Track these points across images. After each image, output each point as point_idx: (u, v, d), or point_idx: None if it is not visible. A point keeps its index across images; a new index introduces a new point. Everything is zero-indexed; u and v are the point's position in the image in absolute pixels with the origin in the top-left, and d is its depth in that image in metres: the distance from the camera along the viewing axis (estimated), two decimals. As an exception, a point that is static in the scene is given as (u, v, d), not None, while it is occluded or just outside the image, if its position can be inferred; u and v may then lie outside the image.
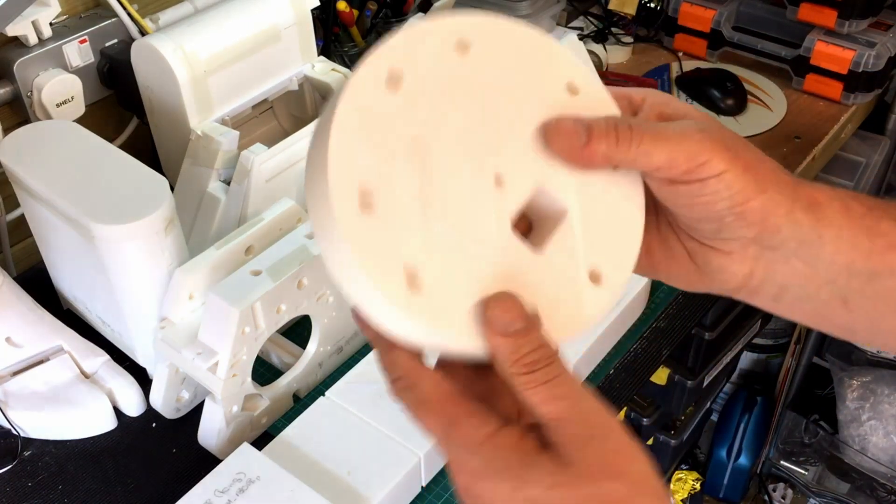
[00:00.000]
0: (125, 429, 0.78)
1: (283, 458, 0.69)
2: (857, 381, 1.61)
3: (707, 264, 0.44)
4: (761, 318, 1.44)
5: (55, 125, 0.79)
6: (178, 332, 0.72)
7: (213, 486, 0.66)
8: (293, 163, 0.84)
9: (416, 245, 0.36)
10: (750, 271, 0.43)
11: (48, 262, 0.85)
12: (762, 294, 0.44)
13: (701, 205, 0.41)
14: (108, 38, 0.94)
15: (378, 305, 0.36)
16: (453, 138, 0.38)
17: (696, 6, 1.25)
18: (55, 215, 0.73)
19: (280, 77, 0.92)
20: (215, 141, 0.83)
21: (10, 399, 0.77)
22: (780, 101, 1.19)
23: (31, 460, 0.75)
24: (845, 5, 1.13)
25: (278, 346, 0.82)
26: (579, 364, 0.78)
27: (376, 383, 0.76)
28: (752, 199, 0.40)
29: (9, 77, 0.88)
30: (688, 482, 1.72)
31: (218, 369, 0.69)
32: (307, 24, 0.92)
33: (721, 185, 0.40)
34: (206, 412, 0.73)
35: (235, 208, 0.83)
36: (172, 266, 0.73)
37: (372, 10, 1.17)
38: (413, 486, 0.72)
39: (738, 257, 0.43)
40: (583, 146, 0.40)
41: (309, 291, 0.74)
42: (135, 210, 0.69)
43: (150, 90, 0.87)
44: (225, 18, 0.86)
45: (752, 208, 0.40)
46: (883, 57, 1.14)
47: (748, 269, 0.43)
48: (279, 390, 0.77)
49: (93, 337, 0.83)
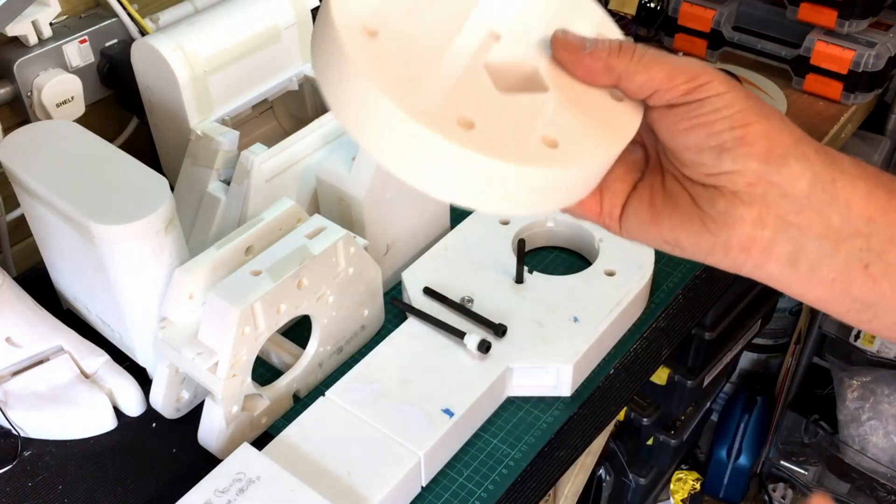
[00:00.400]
0: (125, 429, 0.78)
1: (283, 458, 0.69)
2: (857, 381, 1.61)
3: (712, 206, 0.40)
4: (761, 318, 1.44)
5: (55, 125, 0.79)
6: (178, 332, 0.72)
7: (213, 486, 0.66)
8: (293, 163, 0.84)
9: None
10: (759, 216, 0.39)
11: (48, 262, 0.85)
12: (776, 254, 0.40)
13: (701, 126, 0.39)
14: (108, 38, 0.94)
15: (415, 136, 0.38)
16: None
17: (696, 6, 1.25)
18: (55, 215, 0.74)
19: (280, 77, 0.92)
20: (215, 141, 0.83)
21: (10, 399, 0.77)
22: (780, 101, 1.19)
23: (31, 460, 0.75)
24: (845, 5, 1.13)
25: (278, 346, 0.82)
26: (579, 364, 0.78)
27: (376, 383, 0.76)
28: (754, 122, 0.38)
29: (9, 77, 0.88)
30: (688, 482, 1.72)
31: (218, 369, 0.69)
32: (307, 24, 0.92)
33: (721, 104, 0.38)
34: (206, 412, 0.73)
35: (235, 208, 0.83)
36: (172, 266, 0.73)
37: (372, 10, 1.17)
38: (413, 486, 0.72)
39: (745, 196, 0.39)
40: (585, 53, 0.41)
41: (309, 291, 0.74)
42: (135, 210, 0.69)
43: (150, 90, 0.87)
44: (225, 18, 0.86)
45: (755, 131, 0.38)
46: (883, 57, 1.14)
47: (756, 212, 0.39)
48: (279, 390, 0.77)
49: (93, 337, 0.83)
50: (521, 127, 0.40)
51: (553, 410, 0.78)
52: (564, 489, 0.86)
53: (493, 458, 0.75)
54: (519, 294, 0.83)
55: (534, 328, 0.80)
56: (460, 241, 0.89)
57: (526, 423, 0.77)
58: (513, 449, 0.75)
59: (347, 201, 0.83)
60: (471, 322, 0.80)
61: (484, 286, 0.84)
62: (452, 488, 0.73)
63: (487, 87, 0.41)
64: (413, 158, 0.38)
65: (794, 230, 0.39)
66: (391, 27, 0.40)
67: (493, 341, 0.78)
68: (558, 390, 0.79)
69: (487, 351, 0.77)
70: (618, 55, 0.40)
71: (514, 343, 0.78)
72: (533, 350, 0.78)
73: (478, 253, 0.87)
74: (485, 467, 0.74)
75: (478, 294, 0.83)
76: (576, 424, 0.78)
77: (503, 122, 0.40)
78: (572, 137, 0.40)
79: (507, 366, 0.77)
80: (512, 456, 0.75)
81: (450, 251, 0.88)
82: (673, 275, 0.91)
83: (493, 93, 0.41)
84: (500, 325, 0.79)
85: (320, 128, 0.86)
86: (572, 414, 0.78)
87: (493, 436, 0.76)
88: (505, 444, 0.76)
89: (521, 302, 0.82)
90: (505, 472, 0.74)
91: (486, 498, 0.72)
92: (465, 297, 0.82)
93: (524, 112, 0.41)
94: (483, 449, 0.75)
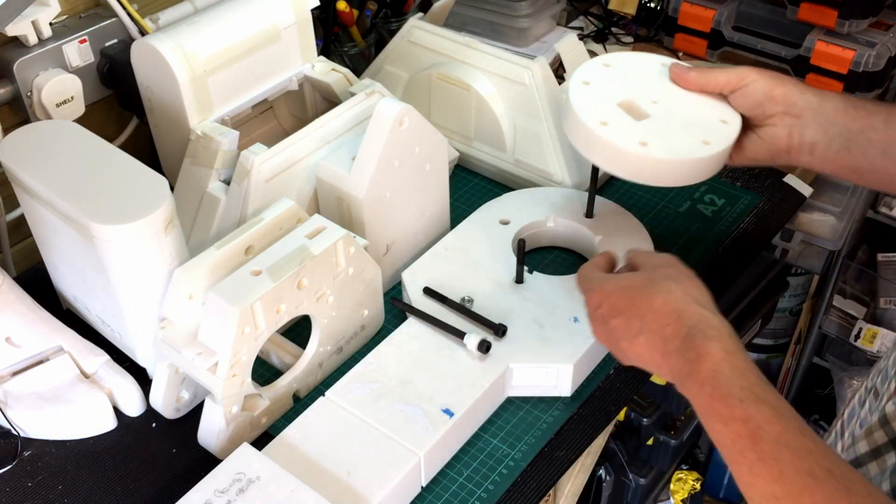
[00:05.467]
0: (125, 429, 0.78)
1: (283, 458, 0.69)
2: (857, 381, 1.60)
3: (765, 132, 0.76)
4: (761, 318, 1.44)
5: (55, 125, 0.79)
6: (178, 332, 0.72)
7: (213, 486, 0.66)
8: (293, 163, 0.84)
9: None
10: (788, 132, 0.74)
11: (48, 262, 0.85)
12: (801, 151, 0.74)
13: (753, 95, 0.75)
14: (108, 38, 0.94)
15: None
16: (639, 91, 0.80)
17: (696, 6, 1.25)
18: (55, 215, 0.74)
19: (280, 77, 0.92)
20: (215, 141, 0.83)
21: (10, 399, 0.77)
22: (780, 101, 1.19)
23: (31, 460, 0.75)
24: (845, 5, 1.13)
25: (278, 346, 0.82)
26: (579, 364, 0.78)
27: (376, 383, 0.76)
28: (776, 88, 0.74)
29: (9, 77, 0.88)
30: (688, 482, 1.72)
31: (218, 369, 0.69)
32: (307, 24, 0.92)
33: (757, 86, 0.75)
34: (206, 412, 0.73)
35: (235, 208, 0.83)
36: (172, 266, 0.73)
37: (372, 10, 1.17)
38: (413, 486, 0.72)
39: (779, 124, 0.74)
40: (686, 72, 0.79)
41: (309, 291, 0.74)
42: (135, 210, 0.69)
43: (150, 90, 0.87)
44: (225, 18, 0.86)
45: (777, 93, 0.74)
46: (883, 57, 1.14)
47: (786, 131, 0.74)
48: (279, 390, 0.77)
49: (93, 337, 0.83)
50: (679, 134, 0.76)
51: (553, 410, 0.78)
52: (564, 489, 0.86)
53: (493, 458, 0.75)
54: (519, 294, 0.83)
55: (534, 328, 0.80)
56: (460, 241, 0.89)
57: (526, 423, 0.77)
58: (513, 449, 0.75)
59: (347, 201, 0.83)
60: (471, 322, 0.80)
61: (484, 286, 0.84)
62: (452, 488, 0.73)
63: (630, 120, 0.77)
64: (632, 168, 0.76)
65: (808, 135, 0.73)
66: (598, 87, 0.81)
67: (493, 341, 0.78)
68: (558, 390, 0.79)
69: (487, 351, 0.77)
70: (699, 73, 0.79)
71: (514, 343, 0.78)
72: (533, 350, 0.78)
73: (478, 253, 0.87)
74: (485, 467, 0.74)
75: (478, 294, 0.83)
76: (576, 424, 0.78)
77: (662, 136, 0.76)
78: (710, 137, 0.76)
79: (507, 366, 0.77)
80: (512, 456, 0.75)
81: (450, 251, 0.88)
82: (673, 275, 0.91)
83: (632, 121, 0.77)
84: (500, 325, 0.79)
85: (320, 128, 0.86)
86: (572, 414, 0.78)
87: (493, 436, 0.76)
88: (505, 444, 0.76)
89: (521, 302, 0.82)
90: (505, 472, 0.74)
91: (486, 498, 0.72)
92: (465, 297, 0.82)
93: (660, 129, 0.76)
94: (483, 449, 0.75)
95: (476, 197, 1.01)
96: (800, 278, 1.58)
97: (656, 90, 0.80)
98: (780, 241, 1.34)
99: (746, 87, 0.75)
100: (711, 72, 0.78)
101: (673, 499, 1.63)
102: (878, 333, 1.52)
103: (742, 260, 0.94)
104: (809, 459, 0.50)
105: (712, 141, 0.75)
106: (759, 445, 0.52)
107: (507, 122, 0.99)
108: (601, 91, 0.80)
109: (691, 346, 0.58)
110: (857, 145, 0.71)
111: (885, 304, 1.55)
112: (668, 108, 0.79)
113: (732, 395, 0.54)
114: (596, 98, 0.79)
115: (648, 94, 0.80)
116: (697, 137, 0.75)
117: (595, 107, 0.77)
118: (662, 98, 0.79)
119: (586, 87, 0.80)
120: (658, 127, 0.76)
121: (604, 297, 0.65)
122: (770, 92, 0.74)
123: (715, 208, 1.00)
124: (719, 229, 0.97)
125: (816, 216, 1.32)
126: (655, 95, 0.80)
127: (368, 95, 0.90)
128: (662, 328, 0.60)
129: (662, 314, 0.60)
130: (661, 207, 1.00)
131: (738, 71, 0.76)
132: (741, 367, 0.56)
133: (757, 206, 1.00)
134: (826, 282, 1.53)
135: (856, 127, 0.71)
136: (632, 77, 0.82)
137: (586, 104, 0.77)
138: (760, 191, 1.02)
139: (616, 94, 0.79)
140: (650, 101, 0.79)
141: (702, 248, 0.95)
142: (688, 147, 0.75)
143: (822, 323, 1.58)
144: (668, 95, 0.80)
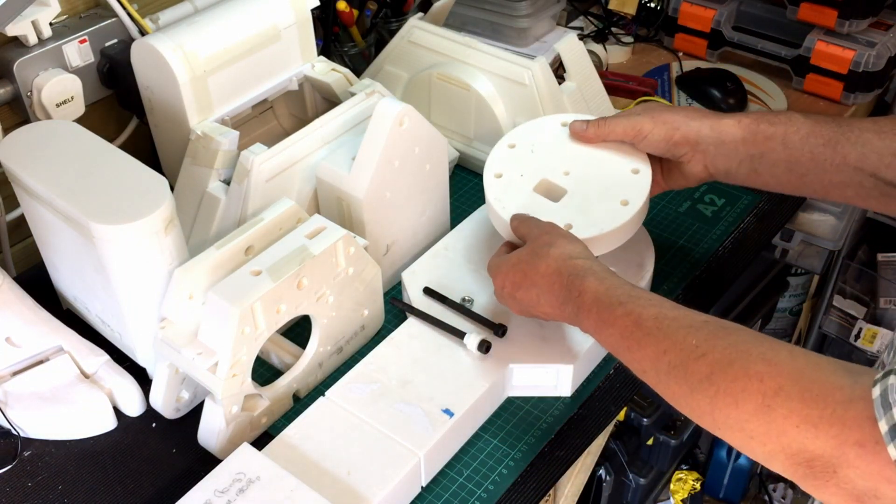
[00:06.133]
0: (125, 429, 0.78)
1: (283, 458, 0.69)
2: (857, 381, 1.60)
3: (682, 170, 0.81)
4: (761, 318, 1.44)
5: (55, 125, 0.79)
6: (178, 332, 0.72)
7: (213, 486, 0.66)
8: (293, 163, 0.84)
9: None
10: (703, 165, 0.80)
11: (48, 262, 0.85)
12: (718, 176, 0.80)
13: (655, 144, 0.80)
14: (108, 38, 0.94)
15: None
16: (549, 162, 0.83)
17: (696, 6, 1.25)
18: (55, 215, 0.74)
19: (280, 77, 0.92)
20: (215, 141, 0.83)
21: (10, 399, 0.77)
22: (781, 101, 1.19)
23: (31, 460, 0.75)
24: (845, 5, 1.13)
25: (278, 346, 0.82)
26: (579, 364, 0.78)
27: (376, 383, 0.76)
28: (674, 134, 0.78)
29: (9, 77, 0.88)
30: (688, 482, 1.72)
31: (218, 369, 0.69)
32: (307, 24, 0.92)
33: (654, 136, 0.79)
34: (206, 412, 0.73)
35: (235, 208, 0.83)
36: (172, 266, 0.73)
37: (372, 10, 1.17)
38: (413, 486, 0.72)
39: (692, 160, 0.80)
40: (584, 131, 0.83)
41: (309, 291, 0.74)
42: (135, 210, 0.69)
43: (150, 90, 0.87)
44: (225, 18, 0.86)
45: (678, 138, 0.78)
46: (883, 57, 1.14)
47: (701, 164, 0.80)
48: (279, 390, 0.77)
49: (93, 337, 0.83)
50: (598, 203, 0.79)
51: (553, 410, 0.78)
52: (564, 489, 0.86)
53: (493, 458, 0.75)
54: (519, 294, 0.83)
55: (534, 328, 0.80)
56: (460, 241, 0.89)
57: (526, 423, 0.77)
58: (513, 449, 0.75)
59: (347, 201, 0.83)
60: (471, 322, 0.80)
61: (484, 286, 0.84)
62: (452, 488, 0.73)
63: (549, 204, 0.79)
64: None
65: (720, 164, 0.79)
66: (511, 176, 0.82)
67: (493, 341, 0.78)
68: (558, 390, 0.79)
69: (487, 351, 0.77)
70: (597, 127, 0.82)
71: (514, 343, 0.78)
72: (533, 350, 0.78)
73: (478, 253, 0.87)
74: (485, 467, 0.74)
75: (478, 294, 0.83)
76: (576, 424, 0.78)
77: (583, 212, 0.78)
78: (627, 194, 0.79)
79: (507, 366, 0.77)
80: (512, 456, 0.75)
81: (450, 251, 0.88)
82: (673, 275, 0.91)
83: (552, 205, 0.79)
84: (500, 325, 0.79)
85: (320, 128, 0.86)
86: (572, 414, 0.78)
87: (493, 436, 0.76)
88: (505, 444, 0.76)
89: (521, 302, 0.82)
90: (505, 472, 0.74)
91: (486, 498, 0.72)
92: (465, 297, 0.82)
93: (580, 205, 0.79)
94: (483, 449, 0.75)
95: (476, 197, 1.01)
96: (800, 278, 1.58)
97: (565, 157, 0.82)
98: (780, 241, 1.35)
99: (646, 138, 0.79)
100: (608, 124, 0.81)
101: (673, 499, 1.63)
102: (878, 333, 1.52)
103: (742, 260, 0.94)
104: (687, 318, 0.61)
105: (631, 199, 0.78)
106: (643, 324, 0.62)
107: (507, 122, 0.99)
108: (514, 180, 0.81)
109: (574, 288, 0.68)
110: (762, 166, 0.77)
111: (885, 304, 1.55)
112: (581, 174, 0.80)
113: (613, 304, 0.65)
114: (512, 190, 0.80)
115: (559, 166, 0.81)
116: (616, 200, 0.78)
117: (514, 199, 0.79)
118: (573, 165, 0.81)
119: (499, 181, 0.81)
120: (577, 202, 0.78)
121: (504, 277, 0.74)
122: (671, 139, 0.78)
123: (715, 208, 1.00)
124: (719, 229, 0.97)
125: (816, 216, 1.32)
126: (566, 164, 0.81)
127: (368, 95, 0.90)
128: (551, 287, 0.70)
129: (548, 276, 0.70)
130: (661, 207, 1.00)
131: (633, 122, 0.79)
132: (616, 284, 0.66)
133: (757, 205, 1.00)
134: (826, 282, 1.53)
135: (756, 152, 0.76)
136: (539, 152, 0.83)
137: (504, 201, 0.79)
138: (760, 191, 1.02)
139: (529, 178, 0.81)
140: (562, 174, 0.81)
141: (702, 248, 0.95)
142: (610, 216, 0.77)
143: (822, 323, 1.58)
144: (577, 161, 0.82)
